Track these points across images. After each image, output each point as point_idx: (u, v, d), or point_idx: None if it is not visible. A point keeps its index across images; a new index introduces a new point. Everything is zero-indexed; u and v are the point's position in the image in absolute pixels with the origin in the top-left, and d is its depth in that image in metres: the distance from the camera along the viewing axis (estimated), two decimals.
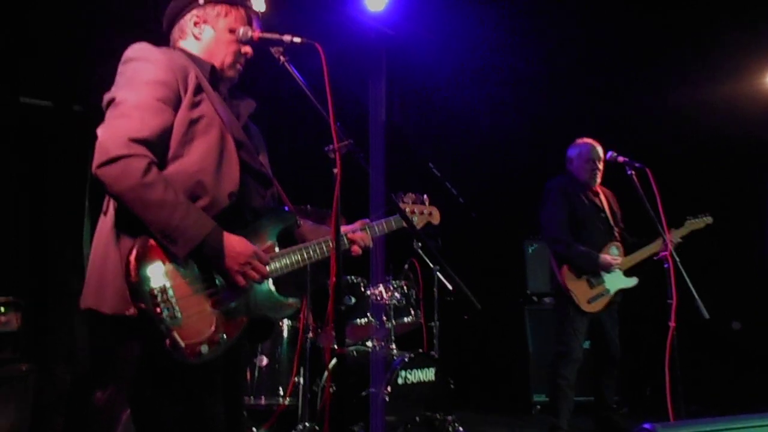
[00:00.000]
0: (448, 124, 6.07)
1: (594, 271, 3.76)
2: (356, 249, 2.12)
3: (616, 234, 3.93)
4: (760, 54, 5.15)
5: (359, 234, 2.13)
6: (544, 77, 5.66)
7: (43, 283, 3.89)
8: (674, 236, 3.71)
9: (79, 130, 4.15)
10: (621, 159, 3.57)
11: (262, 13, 4.44)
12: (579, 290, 3.74)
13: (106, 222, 1.77)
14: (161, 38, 2.05)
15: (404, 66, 5.57)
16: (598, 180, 3.94)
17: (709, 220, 3.91)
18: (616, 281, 3.83)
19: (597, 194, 3.99)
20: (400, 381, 3.48)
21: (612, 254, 3.82)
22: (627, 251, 3.88)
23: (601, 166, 3.90)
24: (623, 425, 3.74)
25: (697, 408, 3.87)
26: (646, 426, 2.11)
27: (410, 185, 2.52)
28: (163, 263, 1.68)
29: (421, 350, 3.83)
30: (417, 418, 3.51)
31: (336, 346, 1.71)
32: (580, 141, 4.02)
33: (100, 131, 1.71)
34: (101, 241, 1.75)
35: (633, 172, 3.48)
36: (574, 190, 3.91)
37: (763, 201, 5.25)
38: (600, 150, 3.91)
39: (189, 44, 1.99)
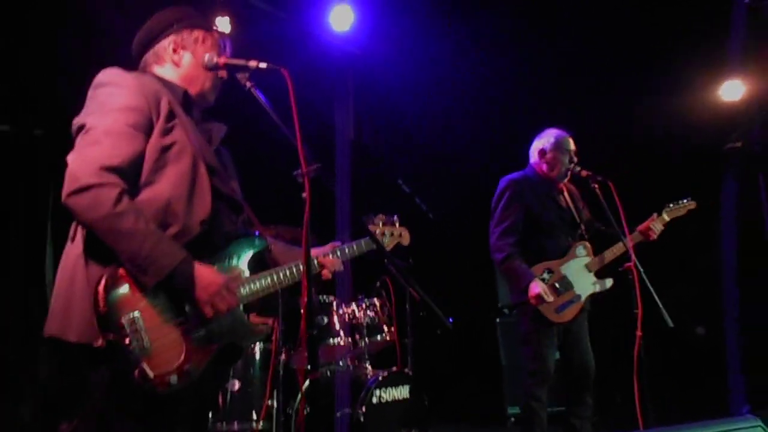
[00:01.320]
0: (416, 141, 6.13)
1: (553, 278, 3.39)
2: (326, 273, 2.13)
3: (583, 232, 3.64)
4: (713, 67, 5.36)
5: (329, 259, 2.13)
6: (509, 90, 5.77)
7: (3, 316, 3.78)
8: (654, 227, 3.55)
9: (41, 155, 4.07)
10: (585, 173, 3.53)
11: (226, 35, 4.45)
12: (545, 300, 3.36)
13: (73, 248, 1.74)
14: (129, 61, 2.03)
15: (371, 84, 5.63)
16: (569, 175, 3.60)
17: (691, 205, 3.66)
18: (588, 285, 3.49)
19: (561, 192, 3.68)
20: (374, 400, 3.47)
21: (579, 254, 3.51)
22: (600, 246, 3.57)
23: (576, 158, 3.60)
24: None
25: (667, 413, 3.92)
26: None
27: (380, 203, 2.55)
28: (133, 292, 1.66)
29: (395, 368, 3.83)
30: None
31: (309, 368, 1.70)
32: (550, 131, 3.67)
33: (70, 158, 1.68)
34: (68, 268, 1.72)
35: (596, 185, 3.44)
36: (536, 190, 3.56)
37: (716, 206, 5.40)
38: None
39: (166, 70, 1.97)
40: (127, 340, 1.61)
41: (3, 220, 3.99)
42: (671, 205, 3.66)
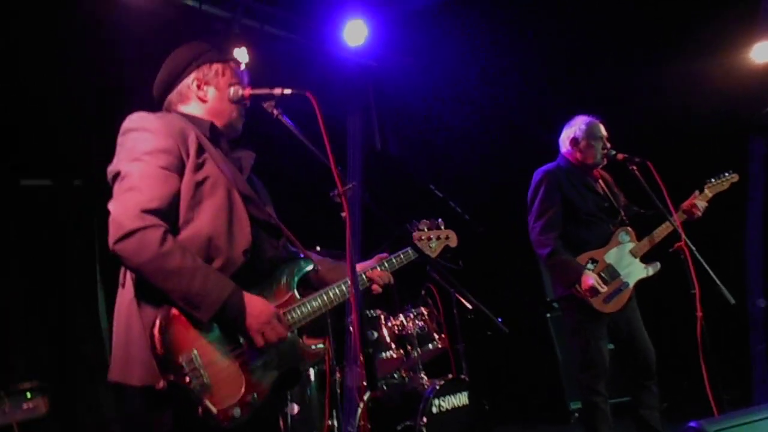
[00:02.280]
0: (443, 144, 6.10)
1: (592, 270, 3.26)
2: (376, 288, 2.12)
3: (623, 218, 3.53)
4: (742, 30, 5.16)
5: (377, 272, 2.12)
6: (528, 83, 5.68)
7: (63, 362, 3.89)
8: (699, 205, 3.40)
9: (83, 205, 4.19)
10: (621, 156, 3.42)
11: (246, 64, 4.53)
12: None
13: (125, 294, 1.77)
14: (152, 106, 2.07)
15: (392, 95, 5.64)
16: (605, 161, 3.50)
17: (734, 178, 3.52)
18: (635, 271, 3.37)
19: (596, 179, 3.58)
20: (434, 410, 3.43)
21: (623, 241, 3.38)
22: (642, 230, 3.44)
23: (608, 144, 3.50)
24: (661, 427, 3.34)
25: (737, 393, 3.76)
26: (692, 425, 2.08)
27: (415, 211, 2.53)
28: (187, 331, 1.67)
29: (450, 375, 3.78)
30: None
31: (368, 386, 1.68)
32: (579, 119, 3.59)
33: (111, 207, 1.72)
34: (122, 314, 1.76)
35: (635, 167, 3.31)
36: (572, 180, 3.48)
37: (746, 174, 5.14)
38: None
39: (192, 107, 2.00)
40: (187, 379, 1.62)
41: (55, 270, 4.12)
42: (713, 180, 3.51)
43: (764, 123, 5.12)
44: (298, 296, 1.92)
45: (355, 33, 5.00)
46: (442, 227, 2.42)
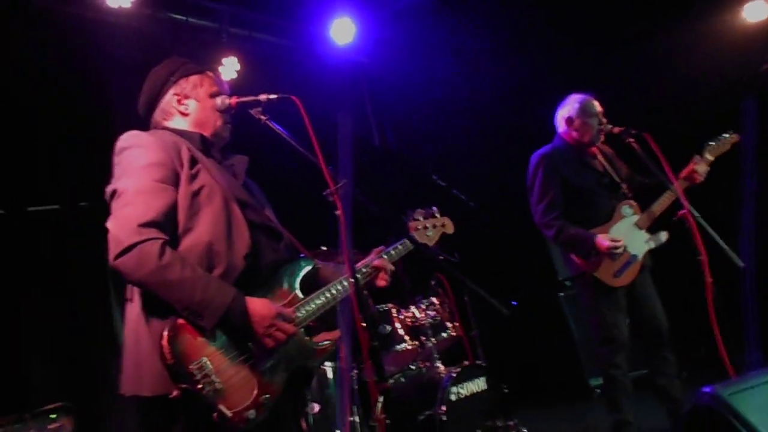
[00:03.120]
0: (442, 135, 6.10)
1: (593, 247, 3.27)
2: (381, 281, 2.15)
3: (626, 192, 3.51)
4: None
5: (378, 261, 2.15)
6: (520, 66, 5.66)
7: (86, 381, 3.95)
8: (699, 170, 3.39)
9: (90, 225, 4.24)
10: (617, 129, 3.38)
11: (237, 72, 4.55)
12: (601, 266, 3.29)
13: (133, 308, 1.81)
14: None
15: (387, 89, 5.65)
16: (602, 137, 3.50)
17: (734, 138, 3.49)
18: (642, 243, 3.38)
19: (594, 156, 3.58)
20: (453, 397, 3.46)
21: (626, 214, 3.40)
22: (644, 204, 3.45)
23: (604, 119, 3.49)
24: (681, 395, 3.34)
25: (759, 355, 3.73)
26: (706, 390, 2.08)
27: (420, 203, 2.54)
28: (195, 339, 1.71)
29: (467, 362, 3.80)
30: (479, 431, 3.48)
31: (377, 380, 1.71)
32: (572, 97, 3.59)
33: (109, 224, 1.76)
34: (132, 328, 1.80)
35: (632, 140, 3.26)
36: (568, 160, 3.49)
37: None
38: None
39: (176, 122, 2.05)
40: (199, 386, 1.65)
41: (70, 292, 4.18)
42: (712, 143, 3.48)
43: (758, 84, 5.07)
44: (301, 295, 1.95)
45: (342, 31, 5.02)
46: (438, 215, 2.43)
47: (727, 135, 3.51)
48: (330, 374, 3.77)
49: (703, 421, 2.07)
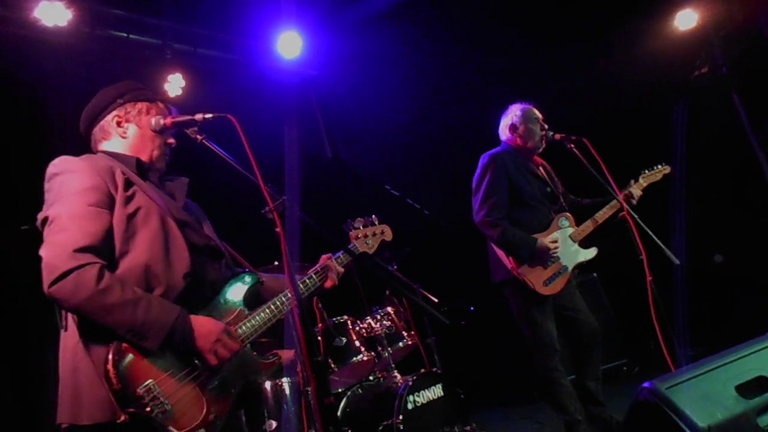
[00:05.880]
0: (393, 144, 6.16)
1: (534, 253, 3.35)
2: (328, 282, 2.19)
3: (563, 204, 3.65)
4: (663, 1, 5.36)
5: (326, 261, 2.21)
6: (464, 77, 5.80)
7: (28, 410, 3.80)
8: (633, 193, 3.58)
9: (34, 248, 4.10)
10: (558, 136, 3.53)
11: (182, 89, 4.49)
12: (532, 273, 3.36)
13: (68, 338, 1.77)
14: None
15: (336, 102, 5.68)
16: (544, 143, 3.62)
17: (666, 169, 3.74)
18: (573, 255, 3.49)
19: (537, 166, 3.68)
20: (410, 406, 3.48)
21: (562, 226, 3.52)
22: (579, 219, 3.58)
23: (545, 125, 3.62)
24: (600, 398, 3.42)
25: (702, 350, 3.89)
26: (646, 385, 2.17)
27: (374, 213, 2.58)
28: (141, 361, 1.68)
29: (423, 370, 3.84)
30: None
31: (320, 395, 1.73)
32: (514, 106, 3.69)
33: (42, 251, 1.71)
34: (67, 357, 1.75)
35: (572, 145, 3.41)
36: (516, 165, 3.55)
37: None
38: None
39: (113, 144, 2.02)
40: (148, 409, 1.63)
41: (15, 319, 4.03)
42: (646, 171, 3.75)
43: (689, 89, 5.34)
44: (246, 311, 1.95)
45: (289, 45, 5.02)
46: (377, 223, 2.49)
47: (660, 166, 3.77)
48: (287, 390, 3.75)
49: (645, 415, 2.16)
